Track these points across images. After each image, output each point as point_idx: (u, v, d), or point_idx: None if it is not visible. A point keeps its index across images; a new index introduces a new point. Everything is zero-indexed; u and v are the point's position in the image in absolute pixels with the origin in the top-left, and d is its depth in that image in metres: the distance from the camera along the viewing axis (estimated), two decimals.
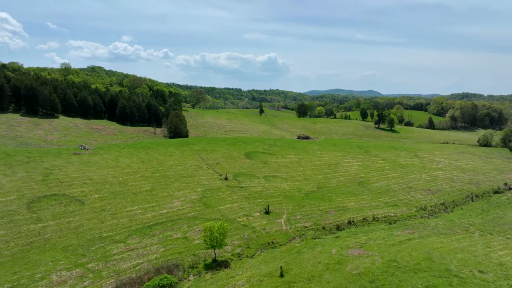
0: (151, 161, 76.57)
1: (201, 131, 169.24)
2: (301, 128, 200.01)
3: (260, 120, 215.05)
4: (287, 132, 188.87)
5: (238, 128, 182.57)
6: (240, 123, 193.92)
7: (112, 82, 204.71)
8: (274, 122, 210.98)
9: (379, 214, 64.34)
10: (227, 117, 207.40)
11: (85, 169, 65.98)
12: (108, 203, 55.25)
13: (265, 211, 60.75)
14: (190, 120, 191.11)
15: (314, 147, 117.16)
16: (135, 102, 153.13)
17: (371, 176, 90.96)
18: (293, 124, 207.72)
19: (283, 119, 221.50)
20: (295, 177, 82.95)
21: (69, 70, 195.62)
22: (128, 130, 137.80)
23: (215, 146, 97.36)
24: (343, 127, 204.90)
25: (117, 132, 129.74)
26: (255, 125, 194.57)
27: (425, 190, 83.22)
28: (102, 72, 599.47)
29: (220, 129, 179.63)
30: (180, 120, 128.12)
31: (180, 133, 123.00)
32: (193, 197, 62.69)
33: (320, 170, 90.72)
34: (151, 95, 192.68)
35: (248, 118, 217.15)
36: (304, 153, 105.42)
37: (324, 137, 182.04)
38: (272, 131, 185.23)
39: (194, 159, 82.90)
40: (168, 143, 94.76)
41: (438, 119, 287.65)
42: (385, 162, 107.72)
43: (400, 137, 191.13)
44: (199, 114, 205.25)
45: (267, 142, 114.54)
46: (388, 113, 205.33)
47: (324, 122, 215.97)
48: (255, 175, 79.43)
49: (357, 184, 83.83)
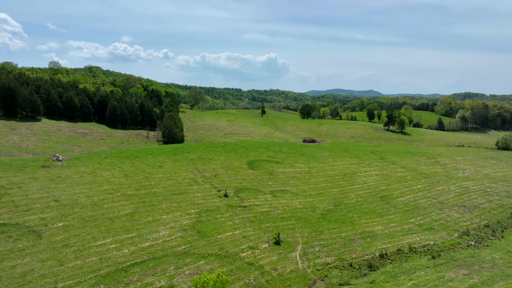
0: (137, 174, 64.25)
1: (199, 134, 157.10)
2: (306, 131, 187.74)
3: (262, 121, 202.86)
4: (292, 135, 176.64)
5: (238, 131, 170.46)
6: (240, 125, 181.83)
7: (105, 81, 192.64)
8: (277, 124, 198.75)
9: (415, 242, 52.02)
10: (227, 118, 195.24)
11: (52, 187, 53.66)
12: (74, 234, 42.94)
13: (275, 240, 48.46)
14: (188, 122, 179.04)
15: (325, 153, 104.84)
16: (127, 103, 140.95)
17: (393, 189, 78.66)
18: (298, 126, 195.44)
19: (286, 120, 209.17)
20: (307, 191, 70.62)
21: (58, 69, 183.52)
22: (118, 134, 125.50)
23: (213, 154, 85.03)
24: (351, 129, 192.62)
25: (106, 137, 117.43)
26: (257, 127, 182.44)
27: (459, 206, 70.91)
28: (99, 72, 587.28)
29: (220, 131, 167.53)
30: (175, 123, 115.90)
31: (175, 138, 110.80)
32: (185, 222, 50.37)
33: (335, 182, 78.36)
34: (146, 96, 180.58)
35: (249, 119, 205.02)
36: (314, 161, 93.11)
37: (331, 140, 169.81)
38: (275, 134, 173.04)
39: (188, 171, 70.54)
40: (159, 150, 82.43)
41: (447, 120, 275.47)
42: (405, 170, 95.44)
43: (412, 140, 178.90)
44: (197, 116, 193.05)
45: (271, 147, 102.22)
46: (398, 114, 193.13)
47: (330, 124, 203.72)
48: (260, 190, 67.13)
49: (379, 199, 71.54)
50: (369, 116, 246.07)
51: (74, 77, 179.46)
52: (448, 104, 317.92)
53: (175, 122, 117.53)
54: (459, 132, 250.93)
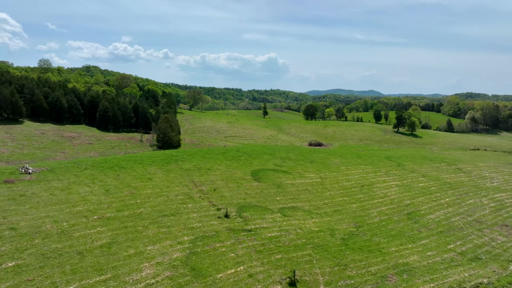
0: (120, 190, 53.94)
1: (198, 137, 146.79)
2: (311, 133, 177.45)
3: (264, 123, 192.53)
4: (296, 138, 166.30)
5: (240, 133, 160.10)
6: (242, 127, 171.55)
7: (98, 81, 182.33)
8: (281, 126, 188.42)
9: (464, 279, 41.67)
10: (228, 120, 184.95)
11: (11, 210, 43.37)
12: (26, 279, 32.62)
13: (289, 280, 38.20)
14: (186, 124, 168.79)
15: (336, 160, 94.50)
16: (120, 104, 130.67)
17: (419, 203, 68.38)
18: (302, 128, 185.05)
19: (290, 122, 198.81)
20: (322, 207, 60.31)
21: (48, 68, 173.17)
22: (109, 137, 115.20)
23: (212, 163, 74.69)
24: (359, 131, 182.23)
25: (95, 141, 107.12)
26: (259, 130, 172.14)
27: (501, 225, 60.61)
28: (97, 71, 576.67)
29: (220, 134, 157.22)
30: (170, 126, 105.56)
31: (170, 142, 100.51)
32: (176, 255, 40.08)
33: (352, 196, 68.02)
34: (141, 96, 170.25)
35: (251, 121, 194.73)
36: (325, 169, 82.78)
37: (339, 143, 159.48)
38: (279, 137, 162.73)
39: (182, 184, 60.21)
40: (150, 159, 72.07)
41: (457, 121, 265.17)
42: (427, 180, 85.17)
43: (424, 143, 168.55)
44: (196, 117, 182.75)
45: (277, 154, 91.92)
46: (408, 115, 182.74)
47: (336, 125, 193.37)
48: (268, 207, 56.83)
49: (406, 217, 61.24)
50: (376, 117, 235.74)
51: (65, 77, 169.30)
52: (456, 105, 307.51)
53: (171, 125, 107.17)
54: (469, 134, 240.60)
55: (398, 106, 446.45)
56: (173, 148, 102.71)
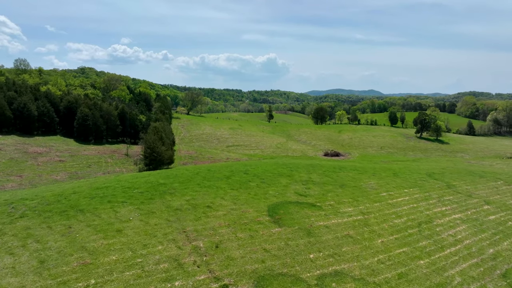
0: (65, 259, 33.63)
1: (196, 147, 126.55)
2: (325, 140, 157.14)
3: (270, 128, 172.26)
4: (308, 146, 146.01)
5: (244, 142, 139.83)
6: (246, 134, 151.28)
7: (83, 83, 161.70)
8: (289, 132, 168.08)
9: None
10: (230, 125, 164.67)
11: None
12: None
13: None
14: (182, 131, 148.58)
15: (370, 180, 74.17)
16: (103, 110, 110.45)
17: (509, 252, 48.21)
18: (314, 134, 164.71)
19: (299, 127, 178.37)
20: (379, 271, 40.02)
21: (26, 69, 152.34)
22: (88, 152, 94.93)
23: (213, 195, 54.37)
24: (377, 137, 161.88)
25: (67, 157, 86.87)
26: (266, 137, 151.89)
27: None
28: (92, 73, 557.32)
29: (221, 143, 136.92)
30: (161, 138, 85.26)
31: (159, 160, 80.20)
32: None
33: (413, 244, 47.69)
34: (131, 100, 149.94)
35: (255, 126, 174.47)
36: (363, 198, 62.46)
37: (358, 152, 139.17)
38: (289, 145, 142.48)
39: (168, 239, 39.90)
40: (125, 192, 51.67)
41: (477, 123, 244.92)
42: (494, 208, 64.93)
43: (453, 150, 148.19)
44: (194, 123, 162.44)
45: (296, 174, 71.54)
46: (432, 118, 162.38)
47: (351, 130, 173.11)
48: (299, 277, 36.60)
49: (503, 280, 41.08)
50: (391, 120, 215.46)
51: (46, 79, 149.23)
52: (473, 105, 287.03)
53: (161, 137, 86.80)
54: (492, 137, 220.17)
55: (407, 107, 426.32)
56: (164, 165, 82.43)
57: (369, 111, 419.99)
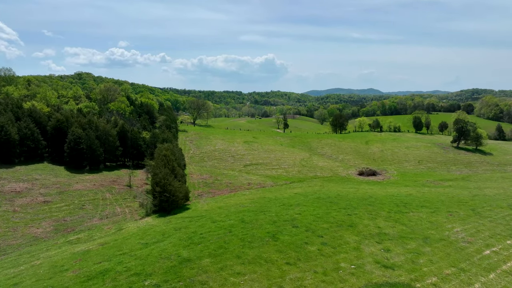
0: None
1: (209, 168, 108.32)
2: (353, 153, 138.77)
3: (288, 140, 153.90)
4: (336, 162, 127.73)
5: (263, 159, 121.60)
6: (263, 150, 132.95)
7: (76, 94, 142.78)
8: (310, 144, 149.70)
9: None
10: (244, 138, 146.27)
11: None
12: None
13: None
14: (191, 147, 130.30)
15: (455, 227, 55.46)
16: (99, 130, 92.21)
17: None
18: (338, 147, 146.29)
19: (321, 138, 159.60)
20: None
21: (12, 78, 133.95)
22: (81, 184, 76.56)
23: (265, 280, 35.78)
24: (411, 148, 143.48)
25: (55, 195, 68.50)
26: (286, 151, 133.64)
27: None
28: (90, 79, 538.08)
29: (237, 161, 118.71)
30: (172, 170, 66.83)
31: (173, 201, 61.78)
32: None
33: None
34: (132, 112, 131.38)
35: (271, 138, 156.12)
36: (464, 261, 43.67)
37: (395, 168, 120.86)
38: (314, 161, 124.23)
39: None
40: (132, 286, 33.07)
41: (506, 126, 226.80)
42: None
43: (500, 163, 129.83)
44: (204, 137, 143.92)
45: (359, 222, 52.85)
46: (472, 126, 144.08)
47: (379, 141, 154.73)
48: None
49: None
50: (416, 126, 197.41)
51: (34, 90, 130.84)
52: (495, 106, 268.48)
53: (173, 168, 68.33)
54: None
55: (420, 108, 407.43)
56: (177, 209, 63.95)
57: (379, 113, 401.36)
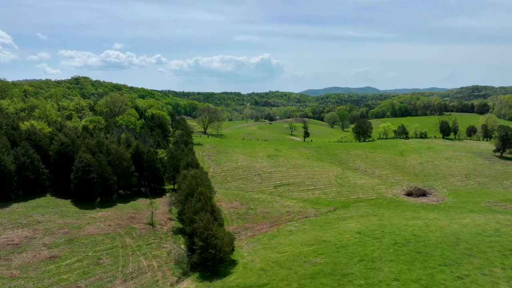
0: None
1: (235, 191, 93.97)
2: (390, 167, 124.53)
3: (314, 152, 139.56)
4: (375, 179, 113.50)
5: (294, 177, 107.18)
6: (291, 164, 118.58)
7: (79, 106, 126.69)
8: (339, 156, 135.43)
9: None
10: (265, 151, 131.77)
11: None
12: None
13: None
14: (211, 164, 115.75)
15: None
16: (111, 153, 77.63)
17: None
18: (371, 159, 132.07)
19: (348, 148, 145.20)
20: None
21: (5, 89, 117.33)
22: (94, 227, 61.79)
23: None
24: (452, 160, 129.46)
25: (63, 246, 53.82)
26: (316, 166, 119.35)
27: None
28: (88, 83, 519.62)
29: (265, 181, 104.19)
30: (212, 212, 52.44)
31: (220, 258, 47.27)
32: None
33: None
34: (143, 126, 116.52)
35: (295, 150, 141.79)
36: None
37: (442, 185, 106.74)
38: (350, 178, 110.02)
39: None
40: None
41: None
42: None
43: None
44: (222, 151, 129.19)
45: None
46: None
47: (414, 151, 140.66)
48: None
49: None
50: (443, 130, 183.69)
51: (32, 102, 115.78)
52: None
53: (213, 210, 53.86)
54: None
55: (431, 109, 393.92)
56: (220, 263, 49.45)
57: (389, 115, 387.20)
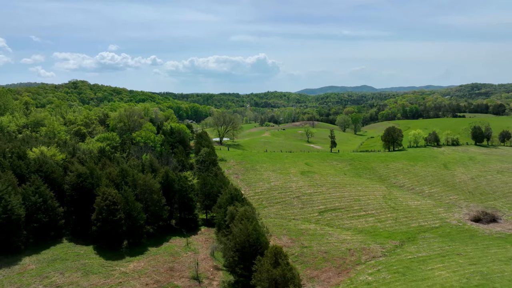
0: None
1: (276, 219, 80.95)
2: (438, 183, 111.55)
3: (348, 166, 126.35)
4: (427, 198, 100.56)
5: (339, 200, 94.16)
6: (329, 183, 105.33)
7: (89, 119, 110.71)
8: (377, 170, 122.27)
9: None
10: (296, 167, 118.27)
11: None
12: None
13: None
14: (239, 183, 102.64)
15: None
16: (139, 184, 64.08)
17: None
18: (414, 174, 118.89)
19: (386, 161, 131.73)
20: None
21: (6, 104, 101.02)
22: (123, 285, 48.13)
23: None
24: (506, 173, 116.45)
25: None
26: (357, 184, 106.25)
27: None
28: (86, 87, 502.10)
29: (307, 206, 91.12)
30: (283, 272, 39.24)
31: None
32: None
33: None
34: (163, 144, 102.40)
35: (327, 163, 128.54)
36: None
37: (509, 208, 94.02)
38: (400, 199, 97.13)
39: None
40: None
41: None
42: None
43: None
44: (250, 168, 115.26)
45: None
46: None
47: (458, 163, 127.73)
48: None
49: None
50: (475, 137, 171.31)
51: (36, 117, 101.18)
52: None
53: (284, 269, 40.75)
54: None
55: (444, 110, 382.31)
56: None
57: (400, 116, 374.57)
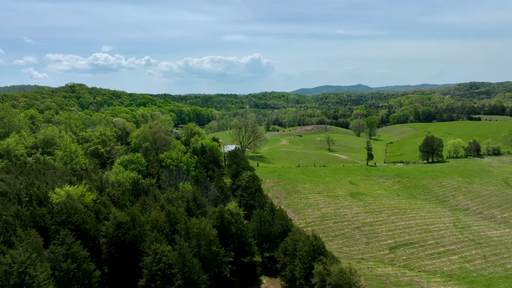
0: None
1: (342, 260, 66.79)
2: (507, 205, 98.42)
3: (397, 185, 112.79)
4: (503, 225, 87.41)
5: (408, 232, 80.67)
6: (386, 207, 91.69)
7: (105, 137, 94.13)
8: (430, 189, 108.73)
9: None
10: (343, 188, 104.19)
11: None
12: None
13: None
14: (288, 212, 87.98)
15: None
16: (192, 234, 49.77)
17: None
18: (475, 193, 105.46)
19: (438, 178, 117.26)
20: None
21: (9, 116, 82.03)
22: None
23: None
24: None
25: None
26: (417, 207, 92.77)
27: None
28: (84, 91, 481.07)
29: (372, 240, 77.72)
30: None
31: None
32: None
33: None
34: (196, 166, 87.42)
35: (371, 181, 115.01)
36: None
37: None
38: (475, 228, 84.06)
39: None
40: None
41: None
42: None
43: None
44: (290, 189, 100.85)
45: None
46: None
47: None
48: None
49: None
50: None
51: (45, 135, 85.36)
52: None
53: None
54: None
55: (458, 112, 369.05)
56: None
57: (413, 119, 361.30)
